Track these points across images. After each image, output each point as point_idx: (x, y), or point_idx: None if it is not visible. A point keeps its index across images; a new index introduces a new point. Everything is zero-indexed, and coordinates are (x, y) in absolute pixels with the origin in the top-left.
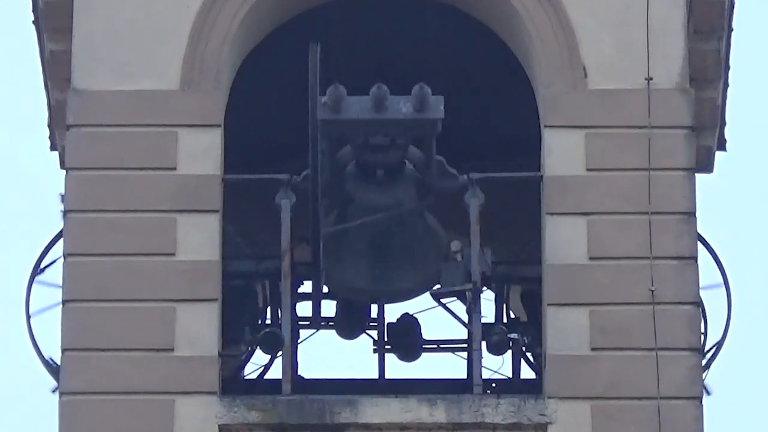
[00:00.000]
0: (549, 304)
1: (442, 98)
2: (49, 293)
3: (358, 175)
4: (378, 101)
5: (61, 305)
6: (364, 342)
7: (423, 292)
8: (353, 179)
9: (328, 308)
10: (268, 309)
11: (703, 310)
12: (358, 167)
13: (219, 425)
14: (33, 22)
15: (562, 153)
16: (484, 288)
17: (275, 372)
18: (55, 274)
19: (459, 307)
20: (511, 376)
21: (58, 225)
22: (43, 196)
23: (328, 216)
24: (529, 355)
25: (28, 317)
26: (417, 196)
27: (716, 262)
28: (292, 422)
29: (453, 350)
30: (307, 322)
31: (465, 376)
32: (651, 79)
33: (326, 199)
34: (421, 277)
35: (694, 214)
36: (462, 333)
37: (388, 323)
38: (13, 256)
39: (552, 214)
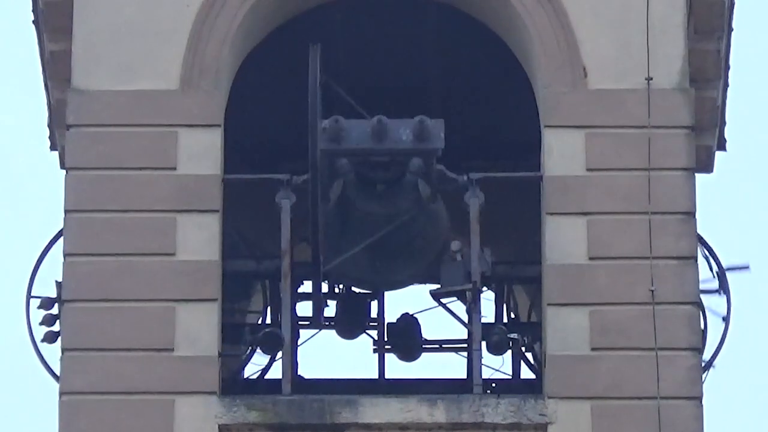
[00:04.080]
0: (549, 304)
1: (442, 124)
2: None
3: (358, 184)
4: (378, 132)
5: (61, 305)
6: (364, 342)
7: (422, 282)
8: (353, 186)
9: (328, 308)
10: (268, 309)
11: (703, 311)
12: (358, 176)
13: (219, 425)
14: (33, 22)
15: (562, 153)
16: (484, 288)
17: (275, 372)
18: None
19: (459, 307)
20: (511, 376)
21: (58, 225)
22: (43, 196)
23: (329, 221)
24: (529, 355)
25: (28, 316)
26: (417, 204)
27: (716, 262)
28: (292, 422)
29: (453, 350)
30: (307, 322)
31: (465, 376)
32: (651, 79)
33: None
34: (420, 267)
35: (694, 214)
36: (462, 333)
37: (388, 323)
38: (13, 256)
39: (552, 214)
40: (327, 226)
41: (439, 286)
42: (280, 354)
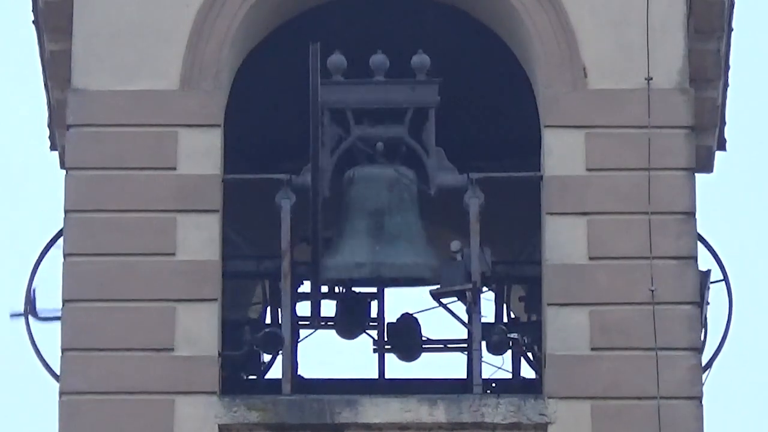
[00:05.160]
0: (549, 304)
1: (437, 86)
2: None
3: (358, 157)
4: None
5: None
6: (364, 342)
7: (422, 282)
8: (353, 174)
9: (328, 308)
10: (268, 309)
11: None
12: (358, 144)
13: (219, 425)
14: (33, 22)
15: (562, 153)
16: (484, 288)
17: (275, 372)
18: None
19: (459, 307)
20: (511, 376)
21: (58, 225)
22: (43, 196)
23: (329, 214)
24: (529, 354)
25: (27, 316)
26: (416, 180)
27: (717, 262)
28: (292, 422)
29: (453, 350)
30: (307, 322)
31: (465, 376)
32: (651, 79)
33: (328, 198)
34: (421, 261)
35: (694, 214)
36: (462, 333)
37: (388, 323)
38: (13, 256)
39: (552, 214)
40: (326, 208)
41: (438, 285)
42: (280, 354)
